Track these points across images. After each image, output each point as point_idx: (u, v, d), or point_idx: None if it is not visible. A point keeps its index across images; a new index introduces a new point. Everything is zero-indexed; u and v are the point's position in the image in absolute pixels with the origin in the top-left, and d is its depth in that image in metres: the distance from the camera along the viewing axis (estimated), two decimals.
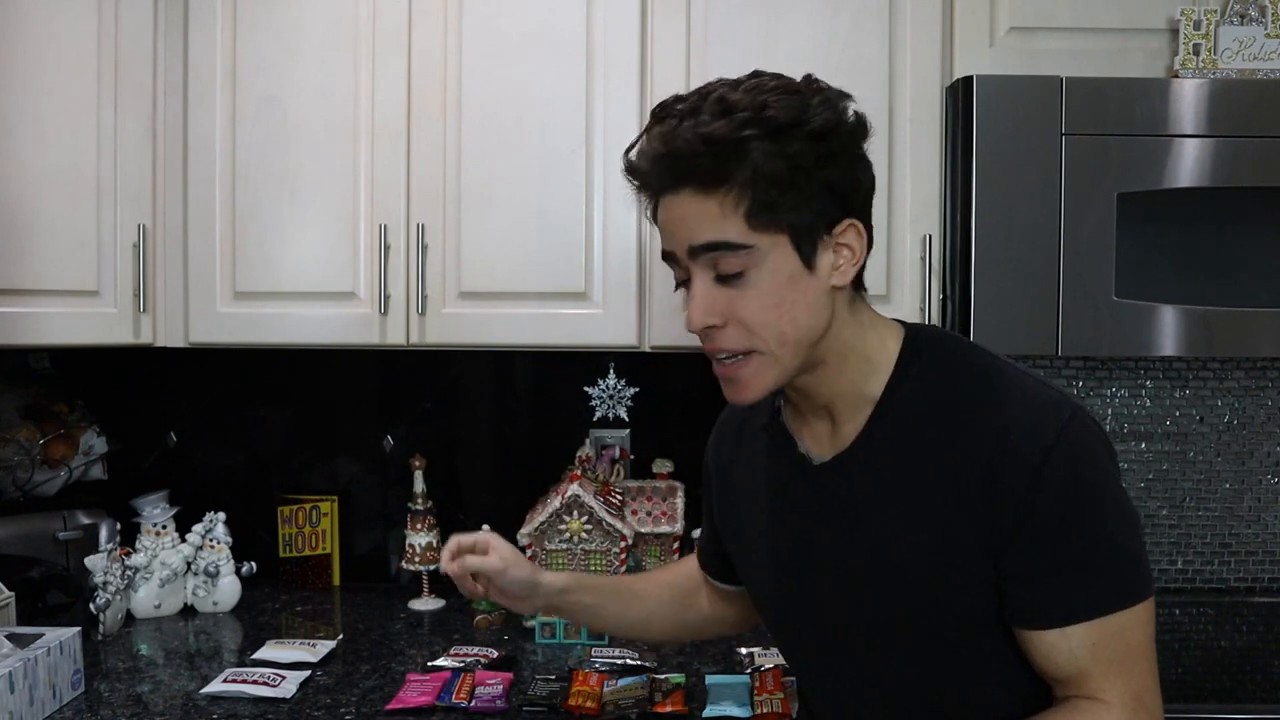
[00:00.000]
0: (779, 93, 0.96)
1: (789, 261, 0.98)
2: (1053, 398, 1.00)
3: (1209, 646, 1.85)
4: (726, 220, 0.96)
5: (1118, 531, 0.97)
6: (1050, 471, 0.95)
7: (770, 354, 1.00)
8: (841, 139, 0.98)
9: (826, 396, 1.06)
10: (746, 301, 0.98)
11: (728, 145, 0.94)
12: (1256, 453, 2.12)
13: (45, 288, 1.75)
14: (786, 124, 0.95)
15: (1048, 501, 0.95)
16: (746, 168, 0.94)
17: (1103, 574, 0.97)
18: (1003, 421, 0.97)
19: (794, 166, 0.95)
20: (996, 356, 1.05)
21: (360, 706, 1.53)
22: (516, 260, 1.81)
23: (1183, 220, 1.68)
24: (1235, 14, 1.74)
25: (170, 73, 1.84)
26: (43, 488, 2.04)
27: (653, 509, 2.01)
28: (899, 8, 1.78)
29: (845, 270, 1.00)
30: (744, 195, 0.95)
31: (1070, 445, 0.96)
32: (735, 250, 0.97)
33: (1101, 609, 0.97)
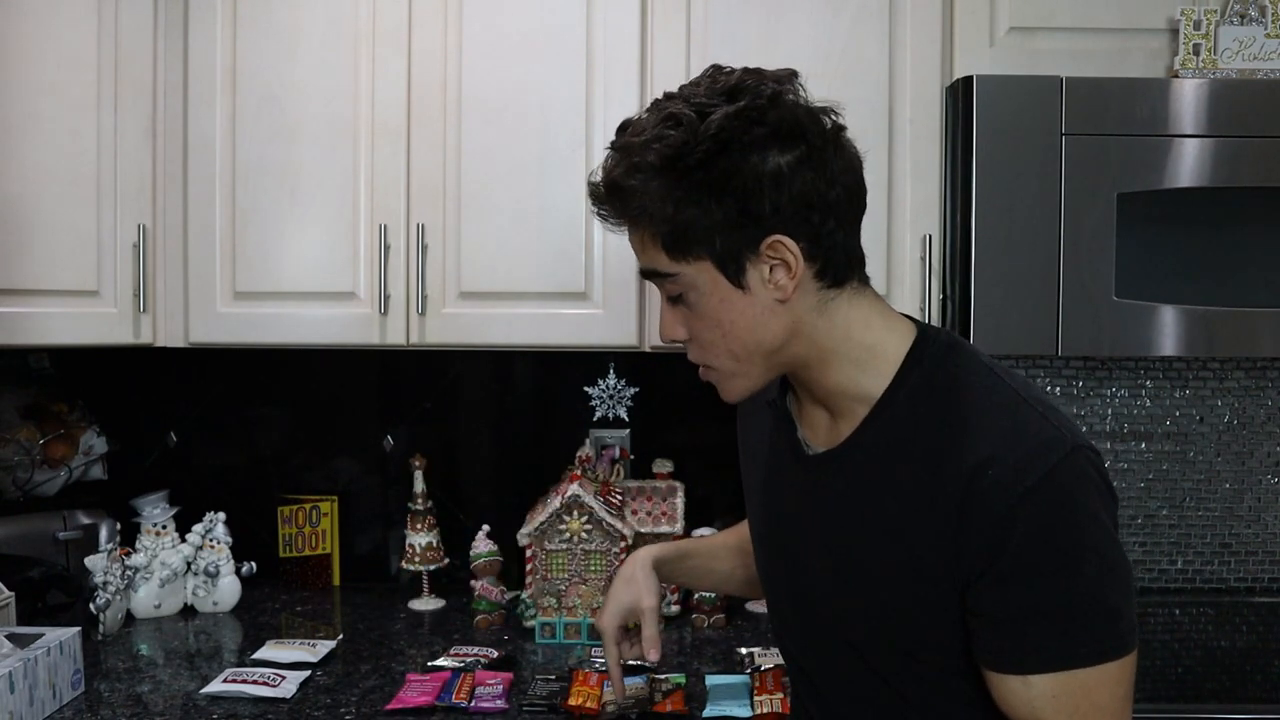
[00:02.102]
0: (664, 123, 0.96)
1: (718, 285, 0.98)
2: (1048, 435, 0.93)
3: (1209, 646, 1.85)
4: (650, 252, 1.00)
5: (1096, 585, 0.92)
6: (1026, 514, 0.90)
7: (725, 368, 1.03)
8: (733, 157, 0.94)
9: (822, 392, 1.05)
10: (694, 322, 1.02)
11: (622, 191, 0.98)
12: (1256, 453, 2.12)
13: (45, 288, 1.75)
14: (663, 165, 0.95)
15: (1018, 546, 0.91)
16: (643, 208, 0.97)
17: (1072, 627, 0.92)
18: (987, 453, 0.93)
19: (682, 202, 0.95)
20: (1006, 374, 1.00)
21: (360, 706, 1.53)
22: (516, 260, 1.81)
23: (1183, 220, 1.68)
24: (1235, 14, 1.74)
25: (170, 73, 1.84)
26: (43, 488, 2.04)
27: (653, 509, 2.01)
28: (899, 8, 1.78)
29: (783, 284, 0.98)
30: (656, 230, 0.98)
31: (1054, 489, 0.91)
32: (665, 278, 1.00)
33: (1066, 663, 0.92)
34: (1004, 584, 0.93)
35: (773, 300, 0.98)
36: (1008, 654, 0.94)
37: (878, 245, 1.79)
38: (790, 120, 0.96)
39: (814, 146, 0.97)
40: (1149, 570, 2.13)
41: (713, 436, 2.15)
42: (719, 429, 2.14)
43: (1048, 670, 0.93)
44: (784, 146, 0.95)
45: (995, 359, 1.04)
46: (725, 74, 0.99)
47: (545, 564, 1.89)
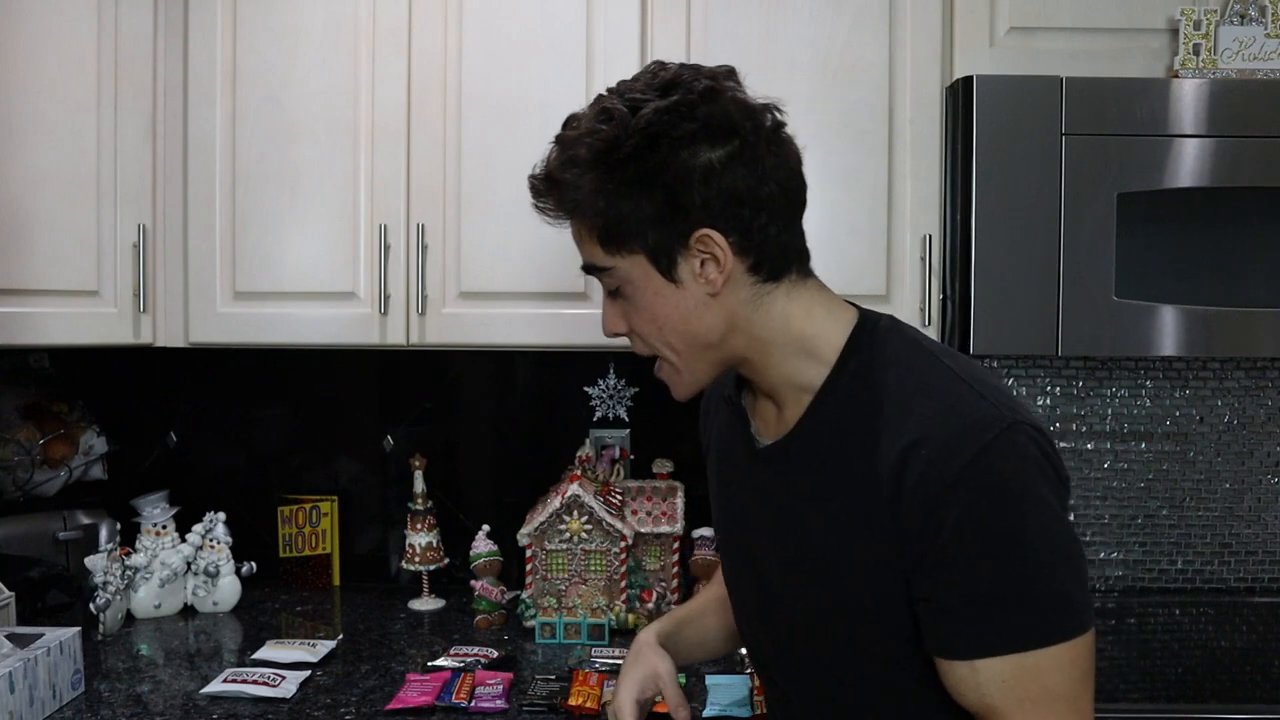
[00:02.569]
0: (598, 118, 0.98)
1: (652, 278, 1.00)
2: (984, 412, 0.91)
3: (1209, 646, 1.85)
4: (587, 245, 1.03)
5: (1041, 566, 0.90)
6: (961, 495, 0.89)
7: (668, 361, 1.05)
8: (661, 152, 0.95)
9: (768, 385, 1.05)
10: (634, 316, 1.04)
11: (557, 185, 1.01)
12: (1256, 453, 2.12)
13: (45, 288, 1.75)
14: (594, 159, 0.97)
15: (956, 528, 0.89)
16: (576, 202, 1.00)
17: (1018, 610, 0.90)
18: (918, 433, 0.91)
19: (614, 195, 0.97)
20: (945, 355, 0.99)
21: (360, 706, 1.53)
22: (516, 260, 1.81)
23: (1183, 220, 1.68)
24: (1235, 14, 1.74)
25: (170, 73, 1.84)
26: (43, 488, 2.04)
27: (653, 509, 2.01)
28: (899, 8, 1.78)
29: (713, 278, 0.98)
30: (592, 224, 1.00)
31: (989, 468, 0.89)
32: (601, 272, 1.03)
33: (1012, 646, 0.90)
34: (945, 568, 0.91)
35: (704, 294, 0.99)
36: (953, 640, 0.93)
37: (878, 245, 1.79)
38: (721, 116, 0.97)
39: (746, 142, 0.97)
40: (1149, 570, 2.13)
41: None
42: None
43: (994, 654, 0.91)
44: (715, 142, 0.96)
45: (942, 345, 1.02)
46: (663, 69, 1.01)
47: (545, 564, 1.89)
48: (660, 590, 1.94)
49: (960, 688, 0.94)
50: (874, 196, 1.79)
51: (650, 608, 1.89)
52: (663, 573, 2.00)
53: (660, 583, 1.98)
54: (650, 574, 1.99)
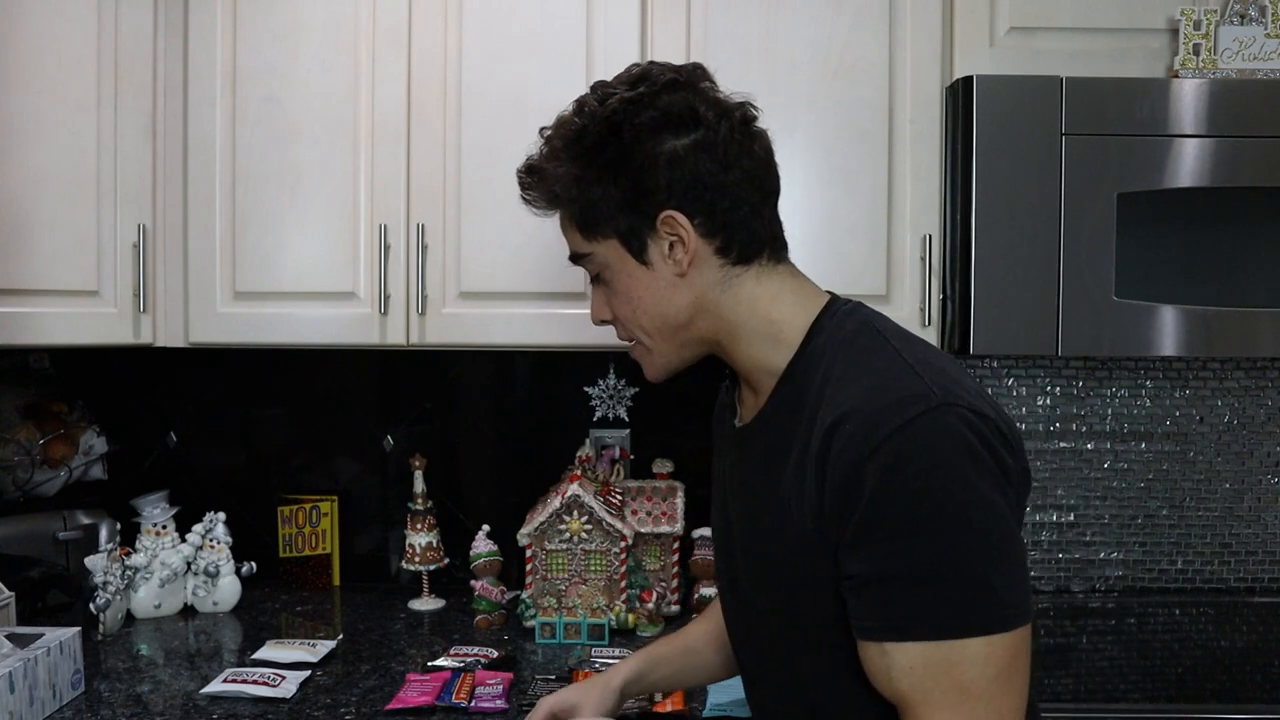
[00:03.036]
0: (574, 110, 1.07)
1: (625, 262, 1.06)
2: (912, 389, 0.90)
3: (1209, 646, 1.85)
4: (569, 233, 1.11)
5: (957, 551, 0.87)
6: (876, 469, 0.88)
7: (642, 343, 1.11)
8: (624, 140, 1.02)
9: (741, 369, 1.09)
10: (613, 300, 1.10)
11: (537, 174, 1.10)
12: (1256, 453, 2.12)
13: (45, 288, 1.75)
14: (564, 148, 1.06)
15: (871, 503, 0.88)
16: (554, 192, 1.08)
17: (930, 593, 0.88)
18: (846, 408, 0.91)
19: (585, 181, 1.04)
20: (895, 336, 0.99)
21: (360, 706, 1.53)
22: (516, 260, 1.81)
23: (1183, 220, 1.68)
24: (1235, 14, 1.74)
25: (170, 73, 1.84)
26: (43, 488, 2.04)
27: (653, 509, 2.01)
28: (899, 8, 1.78)
29: (680, 259, 1.04)
30: (569, 211, 1.08)
31: (908, 444, 0.87)
32: (582, 258, 1.11)
33: (921, 633, 0.88)
34: (857, 546, 0.90)
35: (673, 275, 1.05)
36: (865, 619, 0.92)
37: (877, 245, 1.79)
38: (683, 106, 1.02)
39: (710, 130, 1.02)
40: (1149, 570, 2.13)
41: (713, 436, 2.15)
42: None
43: (903, 639, 0.89)
44: (678, 130, 1.02)
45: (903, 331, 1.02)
46: (637, 67, 1.08)
47: (545, 564, 1.89)
48: (660, 590, 1.94)
49: (872, 671, 0.93)
50: (874, 196, 1.79)
51: (650, 608, 1.89)
52: (663, 573, 2.00)
53: (660, 583, 1.98)
54: (650, 574, 1.99)
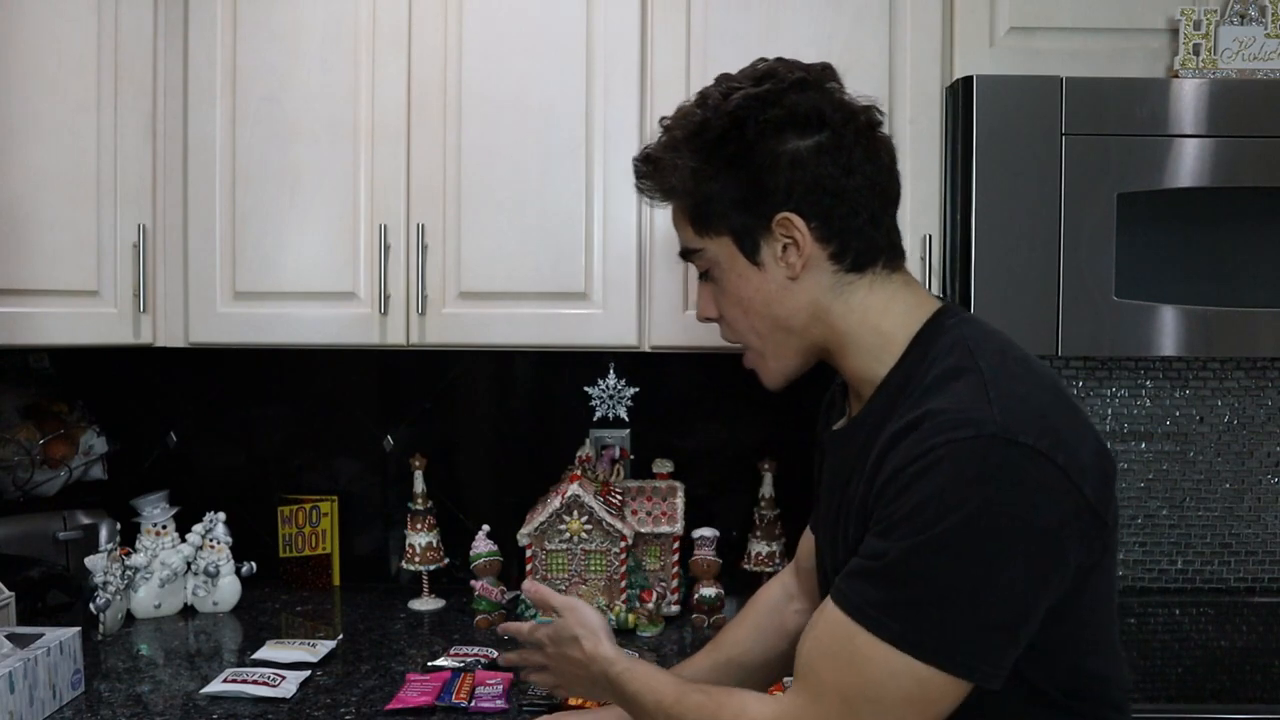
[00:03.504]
0: (696, 103, 1.05)
1: (737, 260, 1.04)
2: (975, 414, 0.89)
3: (1209, 646, 1.85)
4: (681, 227, 1.08)
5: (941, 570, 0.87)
6: (910, 474, 0.89)
7: (755, 347, 1.08)
8: (747, 137, 1.00)
9: (848, 378, 1.08)
10: (722, 299, 1.08)
11: (654, 164, 1.07)
12: (1256, 453, 2.12)
13: (45, 288, 1.75)
14: (685, 139, 1.03)
15: (892, 499, 0.90)
16: (670, 184, 1.06)
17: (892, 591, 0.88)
18: (913, 419, 0.92)
19: (703, 176, 1.02)
20: (988, 356, 0.97)
21: (360, 706, 1.53)
22: (516, 260, 1.81)
23: (1183, 220, 1.68)
24: (1235, 14, 1.74)
25: (170, 73, 1.84)
26: (43, 488, 2.04)
27: (653, 509, 2.01)
28: (899, 8, 1.78)
29: (793, 262, 1.02)
30: (684, 205, 1.06)
31: (947, 460, 0.87)
32: (694, 254, 1.08)
33: (854, 612, 0.90)
34: (870, 531, 0.93)
35: (785, 278, 1.02)
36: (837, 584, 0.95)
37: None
38: (809, 106, 1.00)
39: (835, 133, 1.00)
40: (1149, 570, 2.13)
41: (713, 436, 2.16)
42: (719, 429, 2.15)
43: (840, 607, 0.91)
44: (802, 131, 1.00)
45: (1011, 346, 1.01)
46: (763, 62, 1.06)
47: (545, 564, 1.89)
48: (660, 590, 1.94)
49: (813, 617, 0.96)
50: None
51: (650, 608, 1.89)
52: (663, 573, 2.00)
53: (660, 583, 1.98)
54: (650, 574, 1.99)
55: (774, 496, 2.05)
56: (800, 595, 1.35)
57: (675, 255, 1.76)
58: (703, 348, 1.81)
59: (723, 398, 2.15)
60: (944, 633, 0.87)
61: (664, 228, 1.80)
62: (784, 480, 2.07)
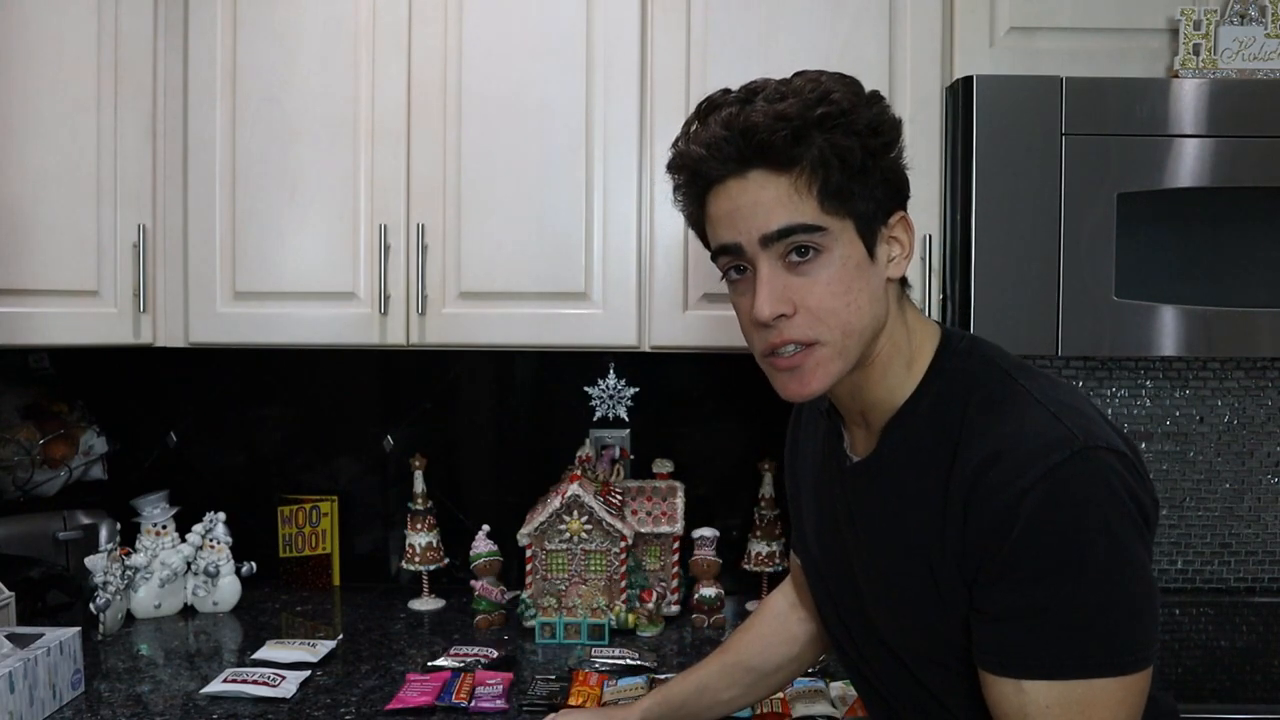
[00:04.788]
0: (837, 82, 0.98)
1: (855, 249, 0.98)
2: (1053, 435, 0.91)
3: (1209, 646, 1.85)
4: (801, 202, 0.95)
5: (1094, 593, 0.89)
6: (1024, 512, 0.89)
7: (833, 344, 0.98)
8: (896, 131, 1.00)
9: (863, 402, 1.05)
10: (815, 288, 0.96)
11: (800, 124, 0.94)
12: (1256, 453, 2.12)
13: (45, 288, 1.75)
14: (850, 108, 0.96)
15: (1016, 544, 0.90)
16: (816, 148, 0.94)
17: (1064, 634, 0.89)
18: (990, 451, 0.92)
19: (863, 149, 0.96)
20: (1023, 375, 0.99)
21: (360, 706, 1.53)
22: (516, 260, 1.81)
23: (1183, 220, 1.68)
24: (1235, 14, 1.74)
25: (170, 73, 1.84)
26: (43, 488, 2.04)
27: (653, 509, 2.01)
28: (899, 8, 1.78)
29: (899, 263, 1.02)
30: (815, 177, 0.95)
31: (1055, 488, 0.88)
32: (811, 232, 0.95)
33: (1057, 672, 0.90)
34: (1000, 582, 0.92)
35: (885, 279, 1.01)
36: (1000, 655, 0.93)
37: None
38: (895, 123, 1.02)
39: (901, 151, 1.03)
40: None
41: (713, 436, 2.15)
42: (719, 429, 2.15)
43: (1038, 677, 0.91)
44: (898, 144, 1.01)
45: (1020, 359, 1.03)
46: None
47: (545, 564, 1.89)
48: (660, 590, 1.94)
49: (1003, 704, 0.94)
50: None
51: (650, 608, 1.89)
52: (663, 573, 2.00)
53: (660, 583, 1.98)
54: (650, 574, 1.99)
55: (774, 496, 2.05)
56: (801, 605, 1.36)
57: (674, 255, 1.79)
58: (703, 348, 1.81)
59: (723, 398, 2.15)
60: (1128, 639, 0.90)
61: (664, 228, 1.80)
62: (784, 480, 2.07)
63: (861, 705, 1.54)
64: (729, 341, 1.79)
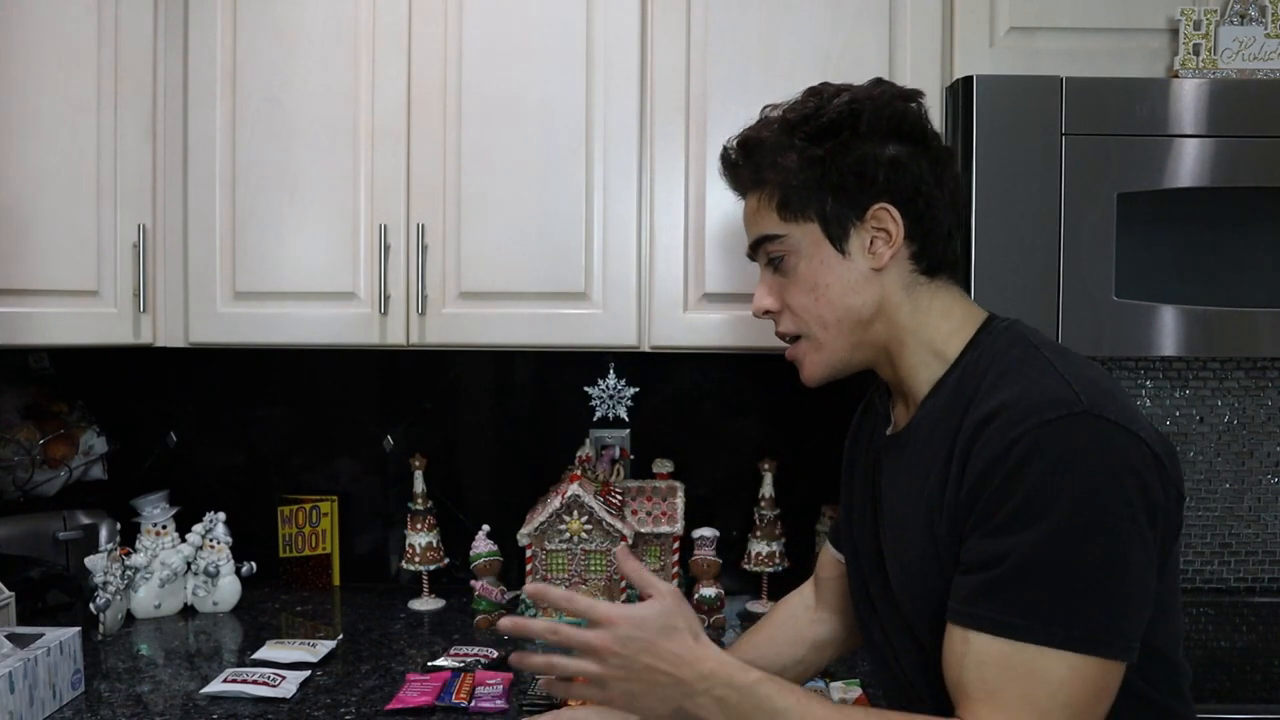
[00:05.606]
0: (807, 95, 1.09)
1: (821, 248, 1.07)
2: (1060, 395, 0.91)
3: (1209, 646, 1.85)
4: (764, 215, 1.10)
5: (1069, 553, 0.86)
6: (1010, 461, 0.89)
7: (814, 338, 1.09)
8: (859, 131, 1.04)
9: (898, 381, 1.10)
10: (791, 288, 1.09)
11: (753, 146, 1.10)
12: (1256, 453, 2.12)
13: (45, 288, 1.75)
14: (797, 122, 1.07)
15: (994, 492, 0.89)
16: (768, 165, 1.08)
17: (1017, 591, 0.87)
18: (994, 407, 0.93)
19: (807, 159, 1.05)
20: (1048, 347, 1.00)
21: (360, 706, 1.53)
22: (516, 260, 1.81)
23: (1183, 220, 1.68)
24: (1235, 14, 1.74)
25: (170, 73, 1.84)
26: (43, 488, 2.04)
27: (653, 509, 2.01)
28: (899, 8, 1.78)
29: (880, 253, 1.06)
30: (775, 190, 1.08)
31: (1040, 442, 0.88)
32: (772, 240, 1.09)
33: (1004, 630, 0.88)
34: (976, 530, 0.92)
35: (868, 268, 1.06)
36: (956, 602, 0.92)
37: None
38: (916, 117, 1.07)
39: (931, 150, 1.07)
40: None
41: (713, 436, 2.16)
42: (719, 429, 2.15)
43: (984, 630, 0.89)
44: (904, 139, 1.05)
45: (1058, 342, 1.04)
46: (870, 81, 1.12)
47: (545, 564, 1.89)
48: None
49: (948, 656, 0.93)
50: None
51: None
52: (663, 573, 2.00)
53: None
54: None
55: (774, 496, 2.05)
56: (820, 606, 1.37)
57: (674, 255, 1.79)
58: (703, 348, 1.81)
59: (722, 398, 2.15)
60: (1089, 614, 0.87)
61: (664, 228, 1.80)
62: (784, 480, 2.07)
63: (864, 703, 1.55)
64: (729, 341, 1.79)
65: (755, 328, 1.79)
